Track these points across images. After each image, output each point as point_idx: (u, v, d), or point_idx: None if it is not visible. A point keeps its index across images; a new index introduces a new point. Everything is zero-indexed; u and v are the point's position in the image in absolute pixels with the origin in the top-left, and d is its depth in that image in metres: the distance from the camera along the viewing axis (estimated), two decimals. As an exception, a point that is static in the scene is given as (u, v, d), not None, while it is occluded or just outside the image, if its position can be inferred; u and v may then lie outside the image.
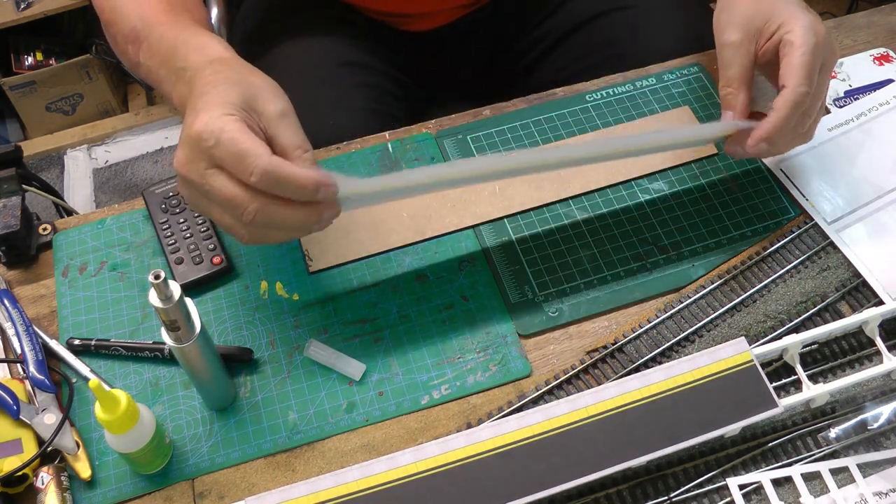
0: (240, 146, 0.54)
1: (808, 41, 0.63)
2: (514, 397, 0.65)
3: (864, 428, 0.62)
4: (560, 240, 0.73)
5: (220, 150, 0.55)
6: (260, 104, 0.58)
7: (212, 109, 0.56)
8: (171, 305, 0.54)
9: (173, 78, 0.63)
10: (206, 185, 0.56)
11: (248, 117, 0.57)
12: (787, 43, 0.64)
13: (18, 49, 2.02)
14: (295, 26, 0.91)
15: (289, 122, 0.59)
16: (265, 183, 0.54)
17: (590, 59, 0.92)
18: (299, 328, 0.69)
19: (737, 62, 0.67)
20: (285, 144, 0.58)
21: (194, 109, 0.57)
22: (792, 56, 0.63)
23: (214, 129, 0.55)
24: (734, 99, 0.67)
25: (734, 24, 0.67)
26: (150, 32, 0.66)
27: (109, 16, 0.71)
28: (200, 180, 0.56)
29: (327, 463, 0.63)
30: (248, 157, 0.54)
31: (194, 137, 0.55)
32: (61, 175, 2.03)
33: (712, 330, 0.67)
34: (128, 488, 0.62)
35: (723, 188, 0.76)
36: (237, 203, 0.55)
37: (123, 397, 0.56)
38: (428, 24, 0.96)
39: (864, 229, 0.72)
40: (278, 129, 0.58)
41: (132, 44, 0.68)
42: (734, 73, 0.67)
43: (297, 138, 0.59)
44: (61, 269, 0.73)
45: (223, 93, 0.57)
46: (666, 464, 0.60)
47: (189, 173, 0.56)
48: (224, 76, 0.59)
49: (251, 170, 0.54)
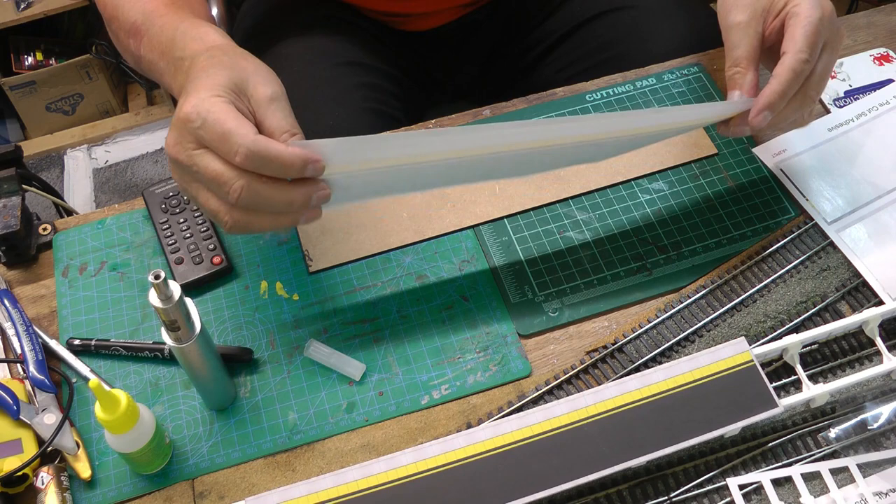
0: (225, 126, 0.54)
1: (814, 14, 0.63)
2: (514, 397, 0.65)
3: (864, 428, 0.62)
4: (560, 240, 0.73)
5: (206, 131, 0.55)
6: (251, 87, 0.58)
7: (200, 91, 0.56)
8: (171, 305, 0.54)
9: (172, 69, 0.64)
10: (194, 164, 0.56)
11: (236, 99, 0.57)
12: (792, 14, 0.64)
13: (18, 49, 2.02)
14: (295, 26, 0.91)
15: (278, 106, 0.58)
16: (250, 162, 0.54)
17: (590, 60, 0.92)
18: (299, 328, 0.69)
19: (745, 42, 0.66)
20: (273, 127, 0.58)
21: (185, 93, 0.57)
22: (795, 26, 0.63)
23: (201, 110, 0.55)
24: (742, 78, 0.66)
25: (741, 4, 0.66)
26: (150, 26, 0.67)
27: (111, 12, 0.71)
28: (188, 160, 0.56)
29: (327, 463, 0.63)
30: (232, 136, 0.54)
31: (182, 119, 0.56)
32: (61, 175, 2.03)
33: (712, 330, 0.67)
34: (128, 488, 0.62)
35: (723, 188, 0.76)
36: (223, 181, 0.55)
37: (123, 397, 0.56)
38: (428, 24, 0.96)
39: (864, 229, 0.72)
40: (267, 112, 0.58)
41: (133, 38, 0.68)
42: (742, 52, 0.66)
43: (286, 122, 0.58)
44: (61, 269, 0.73)
45: (213, 75, 0.57)
46: (666, 464, 0.60)
47: (177, 154, 0.57)
48: (217, 60, 0.59)
49: (236, 149, 0.54)
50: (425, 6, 0.93)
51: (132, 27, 0.68)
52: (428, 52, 0.99)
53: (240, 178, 0.55)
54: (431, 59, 1.00)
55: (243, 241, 0.74)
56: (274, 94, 0.58)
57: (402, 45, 0.97)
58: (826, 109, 0.81)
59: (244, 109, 0.58)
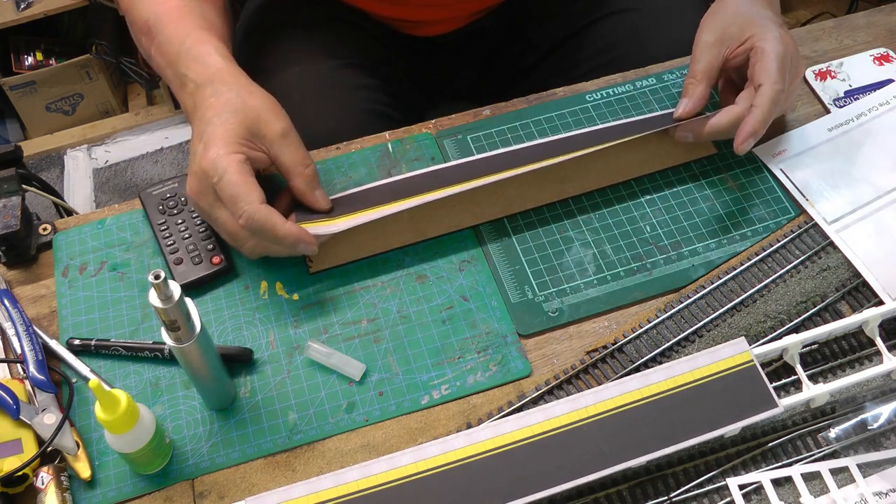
0: (235, 190, 0.63)
1: (778, 49, 0.70)
2: (514, 397, 0.65)
3: (864, 428, 0.62)
4: (560, 240, 0.73)
5: (220, 189, 0.64)
6: (262, 128, 0.66)
7: (219, 146, 0.64)
8: (171, 305, 0.54)
9: (178, 83, 0.70)
10: (213, 216, 0.66)
11: (251, 146, 0.66)
12: (758, 50, 0.71)
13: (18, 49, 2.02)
14: (297, 27, 0.91)
15: (289, 142, 0.67)
16: (250, 228, 0.64)
17: (591, 63, 0.92)
18: (299, 328, 0.69)
19: (706, 59, 0.73)
20: (287, 163, 0.67)
21: (202, 139, 0.66)
22: (765, 61, 0.70)
23: (219, 167, 0.63)
24: (694, 89, 0.73)
25: (712, 27, 0.74)
26: (160, 30, 0.72)
27: (126, 4, 0.75)
28: (208, 210, 0.66)
29: (327, 463, 0.63)
30: (239, 201, 0.63)
31: (203, 171, 0.64)
32: (61, 175, 2.03)
33: (712, 330, 0.67)
34: (128, 488, 0.62)
35: (723, 188, 0.76)
36: (237, 238, 0.66)
37: (123, 397, 0.56)
38: (435, 31, 0.96)
39: (864, 229, 0.72)
40: (280, 149, 0.67)
41: (145, 35, 0.73)
42: (701, 67, 0.73)
43: (298, 155, 0.67)
44: (61, 269, 0.73)
45: (227, 122, 0.65)
46: (666, 464, 0.60)
47: (199, 202, 0.66)
48: (224, 100, 0.67)
49: (240, 213, 0.63)
50: (435, 14, 0.94)
51: (144, 25, 0.73)
52: (429, 55, 0.99)
53: (251, 239, 0.65)
54: (432, 61, 1.00)
55: (243, 241, 0.74)
56: (284, 130, 0.67)
57: (403, 47, 0.97)
58: (826, 109, 0.81)
59: (258, 155, 0.67)
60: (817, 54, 0.86)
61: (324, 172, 0.78)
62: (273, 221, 0.64)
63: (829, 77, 0.84)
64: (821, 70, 0.84)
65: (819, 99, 0.82)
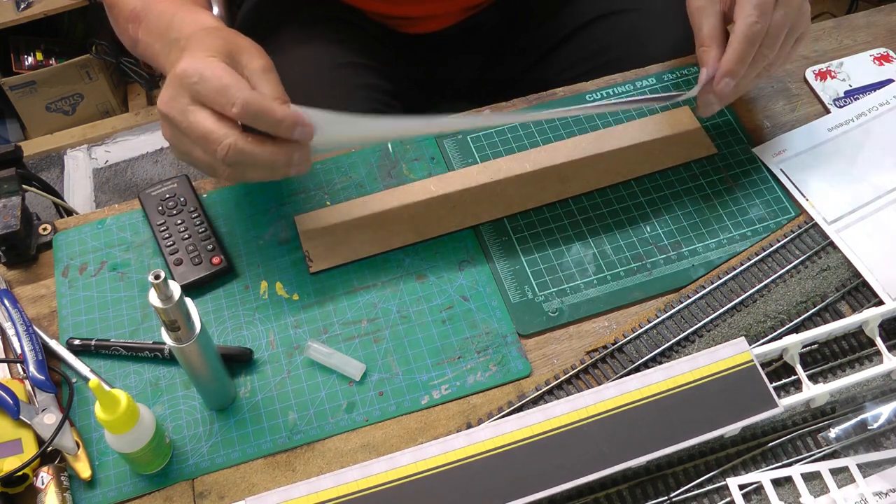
0: (223, 80, 0.58)
1: None
2: (514, 397, 0.65)
3: (864, 428, 0.62)
4: (560, 240, 0.73)
5: (203, 85, 0.58)
6: (244, 58, 0.62)
7: (196, 52, 0.60)
8: (171, 305, 0.54)
9: (167, 49, 0.67)
10: (185, 121, 0.59)
11: (231, 64, 0.61)
12: None
13: (18, 49, 2.02)
14: (296, 26, 0.91)
15: (270, 77, 0.62)
16: (246, 114, 0.58)
17: (590, 63, 0.92)
18: (299, 328, 0.69)
19: (706, 23, 0.70)
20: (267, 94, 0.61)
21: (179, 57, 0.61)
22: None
23: (199, 66, 0.59)
24: (707, 55, 0.69)
25: None
26: (149, 12, 0.71)
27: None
28: (180, 116, 0.59)
29: (327, 463, 0.63)
30: (230, 89, 0.58)
31: (179, 75, 0.59)
32: (61, 175, 2.03)
33: (712, 330, 0.67)
34: (128, 488, 0.62)
35: (723, 188, 0.76)
36: (212, 138, 0.59)
37: (123, 397, 0.56)
38: (430, 27, 0.96)
39: (864, 229, 0.72)
40: (261, 80, 0.61)
41: (132, 23, 0.72)
42: (705, 31, 0.70)
43: (278, 90, 0.62)
44: (61, 269, 0.73)
45: (207, 42, 0.61)
46: (666, 464, 0.60)
47: (171, 110, 0.60)
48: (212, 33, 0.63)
49: (233, 100, 0.58)
50: (428, 9, 0.93)
51: (131, 13, 0.72)
52: (428, 53, 0.99)
53: (227, 137, 0.58)
54: (432, 60, 1.00)
55: (243, 242, 0.74)
56: (266, 66, 0.63)
57: (402, 46, 0.97)
58: (826, 109, 0.81)
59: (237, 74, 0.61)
60: (817, 54, 0.86)
61: (324, 172, 0.78)
62: (270, 104, 0.58)
63: (829, 77, 0.84)
64: (821, 70, 0.84)
65: (819, 99, 0.82)
